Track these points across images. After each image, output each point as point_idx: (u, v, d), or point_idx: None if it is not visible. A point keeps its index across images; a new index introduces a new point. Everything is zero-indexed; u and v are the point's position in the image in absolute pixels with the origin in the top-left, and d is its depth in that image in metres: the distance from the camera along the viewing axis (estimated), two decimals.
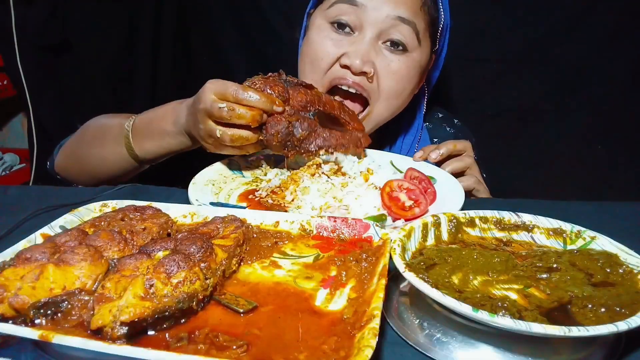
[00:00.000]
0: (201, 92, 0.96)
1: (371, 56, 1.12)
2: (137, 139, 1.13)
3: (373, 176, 1.03)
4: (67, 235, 0.64)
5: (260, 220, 0.78)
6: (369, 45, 1.11)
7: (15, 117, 3.02)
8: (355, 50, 1.11)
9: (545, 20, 1.71)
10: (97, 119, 1.27)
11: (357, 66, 1.10)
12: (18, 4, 2.18)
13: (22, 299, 0.53)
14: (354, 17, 1.11)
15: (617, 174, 1.82)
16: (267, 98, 0.95)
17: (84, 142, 1.25)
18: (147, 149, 1.13)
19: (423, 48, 1.17)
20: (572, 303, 0.57)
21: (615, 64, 1.72)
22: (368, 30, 1.11)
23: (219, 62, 2.10)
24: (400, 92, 1.18)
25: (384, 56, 1.13)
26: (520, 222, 0.76)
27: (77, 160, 1.25)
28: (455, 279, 0.63)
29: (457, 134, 1.41)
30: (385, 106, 1.17)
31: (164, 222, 0.73)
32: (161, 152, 1.13)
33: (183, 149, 1.11)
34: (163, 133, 1.09)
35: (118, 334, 0.50)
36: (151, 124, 1.12)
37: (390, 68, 1.13)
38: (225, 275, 0.64)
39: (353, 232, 0.75)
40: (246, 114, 0.93)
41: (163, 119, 1.10)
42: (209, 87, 0.95)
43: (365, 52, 1.10)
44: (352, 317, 0.55)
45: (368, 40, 1.11)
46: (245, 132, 0.95)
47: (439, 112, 1.46)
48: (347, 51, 1.12)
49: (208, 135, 0.97)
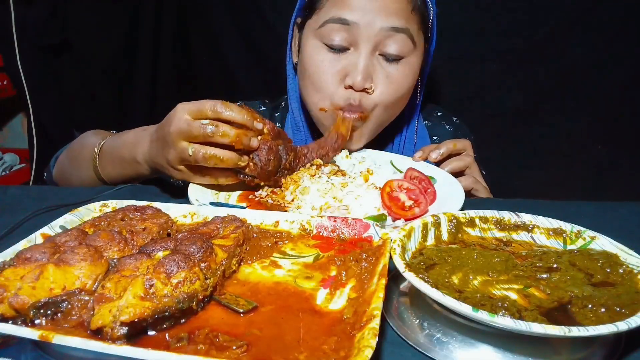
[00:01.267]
0: (172, 115, 0.90)
1: (369, 70, 1.11)
2: (102, 164, 1.11)
3: (373, 176, 1.03)
4: (67, 235, 0.64)
5: (261, 220, 0.78)
6: (367, 60, 1.10)
7: (15, 117, 3.02)
8: (354, 68, 1.10)
9: (546, 20, 1.71)
10: (81, 137, 1.25)
11: (359, 85, 1.10)
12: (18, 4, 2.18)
13: (22, 299, 0.53)
14: (346, 34, 1.10)
15: (617, 174, 1.81)
16: (247, 113, 0.91)
17: (67, 160, 1.25)
18: (111, 174, 1.12)
19: (418, 49, 1.17)
20: (572, 303, 0.57)
21: (615, 64, 1.72)
22: (363, 46, 1.10)
23: (219, 62, 2.10)
24: (398, 99, 1.18)
25: (381, 68, 1.13)
26: (520, 222, 0.76)
27: (67, 178, 1.25)
28: (455, 279, 0.63)
29: (455, 132, 1.41)
30: (384, 110, 1.17)
31: (164, 222, 0.73)
32: (123, 179, 1.11)
33: (141, 177, 1.09)
34: (122, 161, 1.07)
35: (118, 334, 0.49)
36: (114, 150, 1.10)
37: (389, 79, 1.13)
38: (225, 275, 0.64)
39: (353, 232, 0.75)
40: (230, 131, 0.88)
41: (124, 147, 1.07)
42: (181, 108, 0.89)
43: (364, 68, 1.10)
44: (352, 317, 0.55)
45: (365, 55, 1.10)
46: (221, 151, 0.89)
47: (438, 111, 1.46)
48: (347, 71, 1.11)
49: (179, 160, 0.91)
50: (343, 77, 1.12)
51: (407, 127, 1.35)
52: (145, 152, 1.01)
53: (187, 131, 0.88)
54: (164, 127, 0.92)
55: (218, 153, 0.90)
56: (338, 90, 1.13)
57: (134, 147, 1.04)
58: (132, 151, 1.04)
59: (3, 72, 2.45)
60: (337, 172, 1.05)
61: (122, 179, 1.11)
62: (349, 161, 1.12)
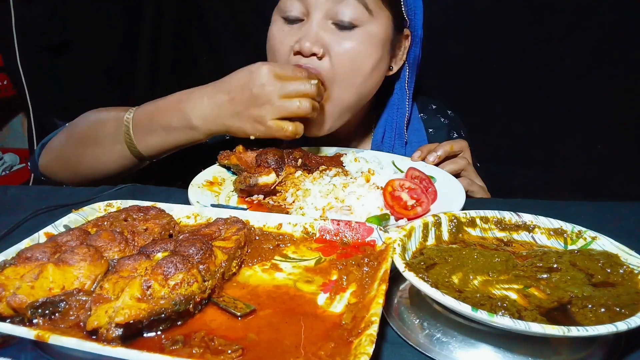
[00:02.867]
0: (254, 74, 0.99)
1: (320, 37, 1.10)
2: (139, 134, 1.07)
3: (374, 176, 1.03)
4: (68, 234, 0.64)
5: (263, 223, 0.77)
6: (317, 27, 1.10)
7: (15, 117, 3.02)
8: (304, 35, 1.10)
9: (546, 20, 1.71)
10: (86, 116, 1.21)
11: (306, 49, 1.08)
12: (18, 4, 2.18)
13: (20, 298, 0.53)
14: (299, 5, 1.12)
15: (617, 174, 1.81)
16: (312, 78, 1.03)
17: (74, 141, 1.19)
18: (151, 145, 1.07)
19: (378, 19, 1.13)
20: (572, 303, 0.57)
21: (615, 64, 1.71)
22: (314, 14, 1.10)
23: (219, 62, 2.10)
24: (357, 70, 1.13)
25: (334, 36, 1.11)
26: (521, 222, 0.76)
27: (66, 161, 1.20)
28: (455, 278, 0.63)
29: (450, 124, 1.41)
30: (344, 87, 1.13)
31: (166, 222, 0.72)
32: (167, 148, 1.08)
33: (192, 142, 1.07)
34: (169, 127, 1.05)
35: (113, 335, 0.49)
36: (154, 117, 1.07)
37: (342, 47, 1.11)
38: (224, 277, 0.63)
39: (356, 236, 0.74)
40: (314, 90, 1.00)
41: (167, 112, 1.05)
42: (266, 70, 0.99)
43: (313, 34, 1.09)
44: (351, 323, 0.55)
45: (315, 23, 1.10)
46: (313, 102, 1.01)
47: (433, 104, 1.45)
48: (298, 38, 1.11)
49: (277, 114, 0.99)
50: (293, 44, 1.12)
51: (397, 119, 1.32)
52: (207, 115, 1.01)
53: (288, 89, 0.98)
54: (251, 87, 0.99)
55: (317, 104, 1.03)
56: (290, 58, 1.12)
57: (185, 112, 1.02)
58: (183, 116, 1.02)
59: (3, 72, 2.46)
60: (339, 172, 1.05)
61: (165, 149, 1.09)
62: (357, 165, 1.12)
